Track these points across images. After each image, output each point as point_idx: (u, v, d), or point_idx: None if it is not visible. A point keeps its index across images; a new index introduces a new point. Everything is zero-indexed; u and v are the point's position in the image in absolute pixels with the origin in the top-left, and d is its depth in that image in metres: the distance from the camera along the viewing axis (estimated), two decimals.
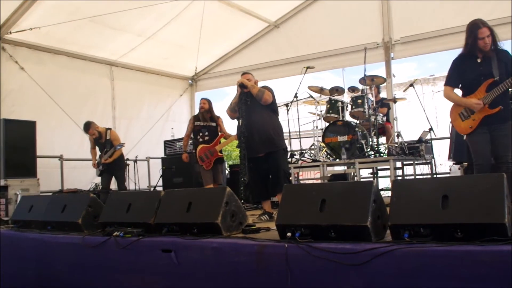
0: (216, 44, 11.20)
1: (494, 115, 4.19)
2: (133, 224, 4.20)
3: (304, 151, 8.02)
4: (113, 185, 8.10)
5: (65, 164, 8.94)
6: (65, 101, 9.13)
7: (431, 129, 7.24)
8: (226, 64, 11.80)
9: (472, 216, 2.73)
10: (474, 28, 4.21)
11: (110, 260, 4.06)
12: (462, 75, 4.38)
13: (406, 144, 7.37)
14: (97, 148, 8.01)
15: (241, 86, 5.28)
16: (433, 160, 7.58)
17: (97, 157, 7.96)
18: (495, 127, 4.24)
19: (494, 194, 2.74)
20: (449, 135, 7.12)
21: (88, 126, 7.75)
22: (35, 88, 8.70)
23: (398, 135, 7.44)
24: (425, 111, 7.23)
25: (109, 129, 8.00)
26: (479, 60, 4.26)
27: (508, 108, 4.31)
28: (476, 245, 2.60)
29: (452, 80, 4.45)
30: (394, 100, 8.05)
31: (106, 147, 7.74)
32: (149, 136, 10.76)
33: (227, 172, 9.22)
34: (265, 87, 5.37)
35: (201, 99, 7.41)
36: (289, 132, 8.01)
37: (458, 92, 4.52)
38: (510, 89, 4.23)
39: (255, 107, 5.28)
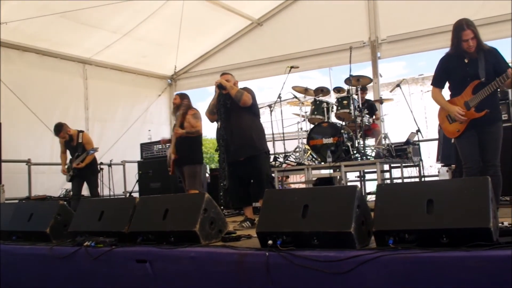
0: (196, 42, 11.19)
1: (481, 118, 4.25)
2: (105, 233, 4.16)
3: (288, 154, 8.05)
4: (86, 191, 8.01)
5: (34, 169, 8.83)
6: (34, 102, 9.02)
7: (418, 130, 7.32)
8: (207, 63, 11.78)
9: (457, 220, 2.78)
10: (458, 29, 4.25)
11: (81, 272, 4.02)
12: (448, 75, 4.45)
13: (393, 146, 7.44)
14: (68, 152, 7.91)
15: (220, 87, 5.28)
16: (421, 162, 7.66)
17: (68, 161, 7.87)
18: (484, 129, 4.29)
19: (479, 198, 2.79)
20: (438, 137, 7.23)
21: (59, 129, 7.66)
22: (1, 88, 8.57)
23: (385, 137, 7.50)
24: (413, 112, 7.30)
25: (81, 131, 7.91)
26: (466, 61, 4.32)
27: (497, 109, 4.38)
28: (462, 251, 2.65)
29: (438, 80, 4.52)
30: (381, 101, 8.12)
31: (77, 151, 7.65)
32: (124, 139, 10.67)
33: (207, 176, 9.20)
34: (245, 89, 5.37)
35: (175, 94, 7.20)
36: (273, 134, 8.03)
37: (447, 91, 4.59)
38: (499, 89, 4.29)
39: (234, 109, 5.29)
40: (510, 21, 7.89)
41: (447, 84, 4.56)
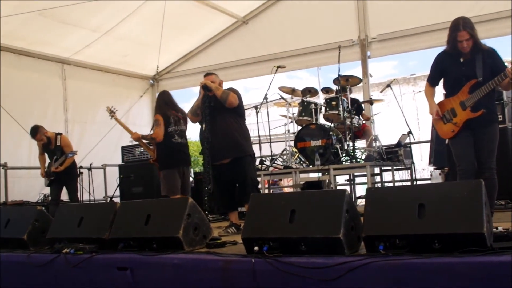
0: (179, 41, 11.15)
1: (477, 118, 4.28)
2: (85, 240, 4.14)
3: (275, 157, 8.05)
4: (65, 196, 7.95)
5: (10, 173, 8.73)
6: (10, 103, 8.91)
7: (410, 132, 7.36)
8: (191, 63, 11.74)
9: (450, 225, 2.79)
10: (454, 29, 4.31)
11: (60, 280, 3.99)
12: (443, 73, 4.51)
13: (384, 149, 7.47)
14: (46, 155, 7.84)
15: (205, 88, 5.27)
16: (412, 165, 7.70)
17: (46, 165, 7.80)
18: (479, 131, 4.33)
19: (472, 202, 2.80)
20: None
21: (35, 131, 7.59)
22: None
23: (376, 139, 7.53)
24: (404, 113, 7.35)
25: (60, 134, 7.85)
26: (461, 60, 4.37)
27: (493, 110, 4.43)
28: (455, 257, 2.66)
29: (432, 77, 4.62)
30: (371, 102, 8.16)
31: (56, 154, 7.60)
32: (105, 142, 10.58)
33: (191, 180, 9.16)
34: (231, 89, 5.37)
35: None
36: (259, 137, 8.02)
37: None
38: (496, 90, 4.33)
39: (219, 111, 5.28)
40: (502, 19, 7.97)
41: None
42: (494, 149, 4.33)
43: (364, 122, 8.16)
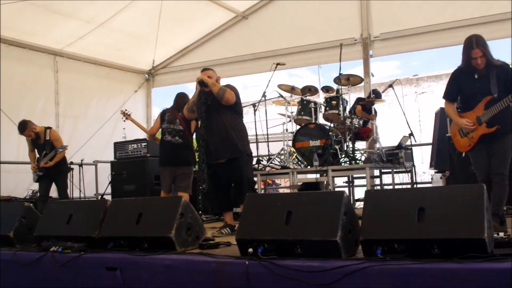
0: (176, 35, 11.14)
1: (491, 133, 4.50)
2: (74, 238, 4.14)
3: (272, 157, 8.05)
4: (54, 192, 7.93)
5: None
6: None
7: (411, 134, 7.37)
8: (188, 58, 11.73)
9: (450, 230, 2.80)
10: (468, 47, 4.52)
11: (46, 279, 3.99)
12: (459, 89, 4.75)
13: (384, 151, 7.48)
14: (36, 150, 7.82)
15: (201, 83, 5.26)
16: (413, 168, 7.71)
17: (36, 160, 7.78)
18: (493, 142, 4.55)
19: (474, 207, 2.81)
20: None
21: (23, 126, 7.55)
22: None
23: (376, 140, 7.54)
24: (405, 114, 7.36)
25: (49, 128, 7.81)
26: (476, 76, 4.58)
27: (508, 123, 4.57)
28: (454, 263, 2.67)
29: (449, 94, 4.83)
30: (371, 102, 8.14)
31: (45, 149, 7.58)
32: (97, 137, 10.57)
33: None
34: (228, 86, 5.37)
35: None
36: (256, 136, 8.02)
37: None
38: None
39: (216, 108, 5.28)
40: (509, 20, 7.98)
41: None
42: (506, 157, 4.52)
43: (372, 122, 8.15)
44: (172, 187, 6.87)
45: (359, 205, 7.66)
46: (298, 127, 7.77)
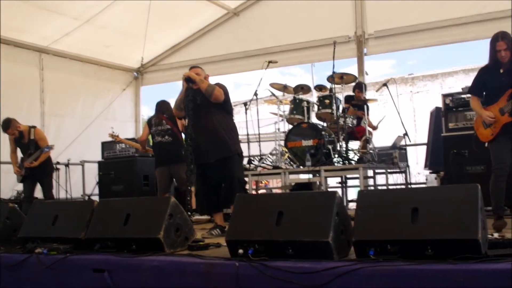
0: (166, 32, 11.13)
1: None
2: (60, 240, 4.14)
3: (263, 157, 8.06)
4: (39, 193, 7.90)
5: None
6: None
7: (406, 134, 7.40)
8: (177, 55, 11.73)
9: (444, 231, 2.82)
10: (493, 41, 4.80)
11: (31, 282, 3.98)
12: (484, 84, 4.94)
13: (377, 151, 7.50)
14: (19, 150, 7.76)
15: (188, 80, 5.24)
16: (407, 168, 7.75)
17: (19, 160, 7.73)
18: None
19: (468, 208, 2.84)
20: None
21: (7, 125, 7.51)
22: None
23: (368, 140, 7.57)
24: (400, 113, 7.38)
25: (34, 127, 7.77)
26: (501, 71, 4.79)
27: None
28: (448, 264, 2.69)
29: (474, 88, 5.05)
30: (364, 101, 8.18)
31: (30, 149, 7.54)
32: (84, 137, 10.57)
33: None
34: (217, 84, 5.37)
35: None
36: (247, 135, 8.04)
37: None
38: None
39: (205, 106, 5.27)
40: (505, 18, 8.03)
41: None
42: None
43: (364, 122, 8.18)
44: (172, 189, 7.01)
45: (352, 206, 7.70)
46: (291, 126, 7.78)
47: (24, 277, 4.02)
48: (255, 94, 7.85)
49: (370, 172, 8.08)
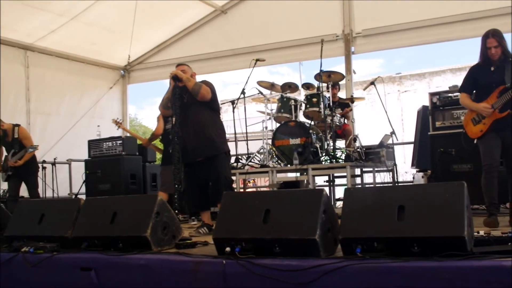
0: (153, 30, 11.08)
1: (504, 119, 4.71)
2: (46, 238, 4.13)
3: (251, 155, 8.07)
4: (25, 192, 7.85)
5: None
6: None
7: (393, 132, 7.43)
8: (165, 53, 11.68)
9: (430, 228, 2.85)
10: (484, 38, 4.84)
11: (17, 280, 3.96)
12: (475, 82, 5.00)
13: (364, 149, 7.54)
14: (4, 149, 7.71)
15: (175, 78, 5.26)
16: (395, 167, 7.79)
17: (3, 158, 7.68)
18: (507, 134, 4.73)
19: (454, 205, 2.87)
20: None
21: None
22: None
23: (355, 139, 7.60)
24: (387, 112, 7.42)
25: (17, 125, 7.72)
26: (492, 68, 4.85)
27: None
28: (434, 261, 2.72)
29: (465, 86, 5.09)
30: (351, 100, 8.22)
31: (14, 148, 7.49)
32: (71, 135, 10.50)
33: None
34: (204, 82, 5.38)
35: None
36: (235, 134, 8.04)
37: None
38: None
39: (192, 104, 5.29)
40: (492, 17, 8.12)
41: None
42: None
43: (345, 121, 8.23)
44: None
45: (340, 204, 7.71)
46: (278, 125, 7.80)
47: (10, 276, 3.99)
48: (243, 92, 7.85)
49: (357, 171, 8.12)
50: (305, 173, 7.13)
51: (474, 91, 5.02)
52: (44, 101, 10.34)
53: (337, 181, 9.06)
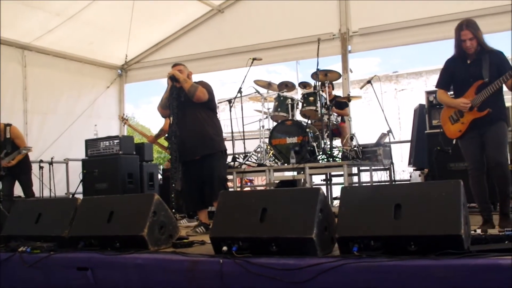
0: (150, 29, 11.06)
1: (483, 118, 4.46)
2: (43, 238, 4.12)
3: (248, 154, 8.06)
4: (20, 192, 7.82)
5: None
6: None
7: (390, 131, 7.43)
8: (162, 53, 11.67)
9: (426, 227, 2.84)
10: (457, 29, 4.54)
11: (14, 280, 3.95)
12: (451, 76, 4.73)
13: (361, 148, 7.53)
14: None
15: (172, 79, 5.27)
16: (392, 165, 7.79)
17: None
18: (486, 129, 4.51)
19: (450, 203, 2.86)
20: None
21: None
22: None
23: (352, 137, 7.60)
24: (384, 111, 7.42)
25: (9, 125, 7.65)
26: (468, 62, 4.59)
27: (500, 109, 4.59)
28: (431, 259, 2.72)
29: (442, 82, 4.81)
30: (348, 99, 8.22)
31: (6, 148, 7.43)
32: (68, 134, 10.47)
33: (159, 177, 9.16)
34: (200, 83, 5.38)
35: None
36: (232, 133, 8.03)
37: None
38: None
39: (189, 104, 5.28)
40: (490, 15, 8.11)
41: None
42: (502, 144, 4.47)
43: (343, 119, 8.22)
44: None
45: (337, 203, 7.72)
46: (275, 123, 7.79)
47: (7, 276, 3.99)
48: (240, 91, 7.84)
49: (354, 169, 8.12)
50: (302, 172, 7.13)
51: (453, 85, 4.76)
52: (41, 100, 10.31)
53: (334, 179, 9.05)
